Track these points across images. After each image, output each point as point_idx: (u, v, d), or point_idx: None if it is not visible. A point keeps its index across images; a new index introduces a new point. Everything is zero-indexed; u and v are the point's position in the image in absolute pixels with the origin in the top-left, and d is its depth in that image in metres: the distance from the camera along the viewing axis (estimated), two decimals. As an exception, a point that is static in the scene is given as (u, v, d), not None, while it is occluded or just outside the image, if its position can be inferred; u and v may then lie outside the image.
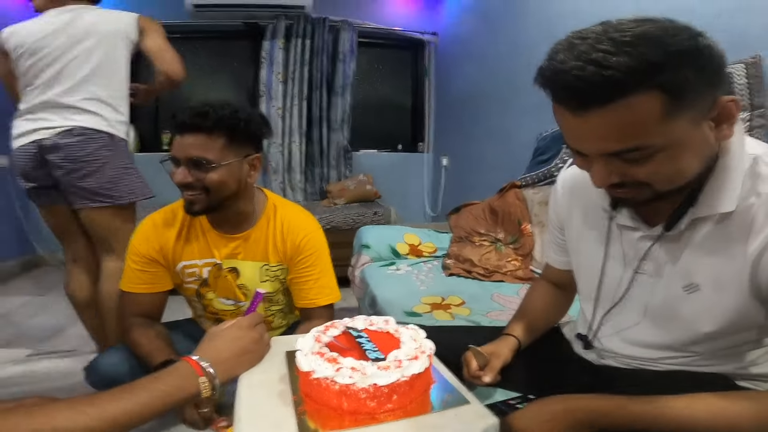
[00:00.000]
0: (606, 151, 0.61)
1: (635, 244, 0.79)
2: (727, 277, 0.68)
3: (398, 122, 4.39)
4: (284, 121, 3.75)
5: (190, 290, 1.29)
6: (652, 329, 0.80)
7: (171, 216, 1.25)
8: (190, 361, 0.76)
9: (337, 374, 0.63)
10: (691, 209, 0.69)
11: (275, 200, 1.29)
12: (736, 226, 0.66)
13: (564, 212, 0.95)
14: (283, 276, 1.28)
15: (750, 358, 0.76)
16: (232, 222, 1.22)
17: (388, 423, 0.63)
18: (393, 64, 4.33)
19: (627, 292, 0.83)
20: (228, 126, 1.09)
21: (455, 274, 1.96)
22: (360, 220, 3.16)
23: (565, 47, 0.59)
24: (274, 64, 3.69)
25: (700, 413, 0.64)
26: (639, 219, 0.78)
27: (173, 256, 1.23)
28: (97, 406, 0.65)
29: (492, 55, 3.15)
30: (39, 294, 2.93)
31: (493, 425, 0.64)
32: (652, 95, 0.55)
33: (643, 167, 0.61)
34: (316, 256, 1.26)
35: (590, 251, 0.88)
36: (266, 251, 1.24)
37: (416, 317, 1.52)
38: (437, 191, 4.15)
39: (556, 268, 1.06)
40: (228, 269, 1.25)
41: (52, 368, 1.93)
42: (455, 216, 2.44)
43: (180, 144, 1.08)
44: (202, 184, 1.10)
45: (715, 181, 0.67)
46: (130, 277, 1.24)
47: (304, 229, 1.25)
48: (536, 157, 2.40)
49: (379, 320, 0.83)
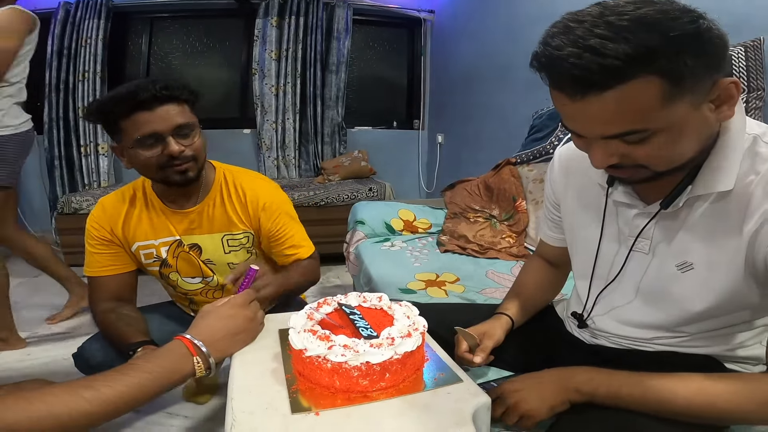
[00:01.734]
0: (605, 134, 0.60)
1: (631, 221, 0.79)
2: (722, 255, 0.68)
3: (394, 100, 4.37)
4: (278, 98, 3.71)
5: (153, 272, 1.29)
6: (644, 308, 0.80)
7: (120, 197, 1.24)
8: (183, 340, 0.75)
9: (330, 352, 0.63)
10: (690, 187, 0.69)
11: (225, 169, 1.28)
12: (734, 205, 0.66)
13: (560, 188, 0.94)
14: (250, 243, 1.28)
15: (739, 340, 0.77)
16: (186, 195, 1.21)
17: (381, 401, 0.63)
18: (389, 42, 4.28)
19: (611, 270, 0.83)
20: (189, 91, 1.10)
21: (450, 250, 1.96)
22: (355, 197, 3.15)
23: (560, 30, 0.57)
24: (267, 42, 3.64)
25: (686, 391, 0.65)
26: (635, 196, 0.78)
27: (124, 237, 1.22)
28: (94, 390, 0.65)
29: (489, 33, 3.11)
30: (34, 275, 2.91)
31: (486, 404, 0.64)
32: (651, 81, 0.54)
33: (642, 149, 0.61)
34: (284, 214, 1.27)
35: (586, 228, 0.88)
36: (226, 220, 1.24)
37: (411, 294, 1.52)
38: (432, 168, 4.14)
39: (550, 245, 1.06)
40: (189, 246, 1.24)
41: (49, 352, 1.93)
42: (450, 192, 2.43)
43: (156, 117, 1.05)
44: (192, 151, 1.10)
45: (714, 159, 0.66)
46: (90, 262, 1.23)
47: (264, 191, 1.26)
48: (532, 135, 2.39)
49: (372, 297, 0.83)
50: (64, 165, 3.37)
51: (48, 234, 3.48)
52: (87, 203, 2.72)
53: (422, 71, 4.26)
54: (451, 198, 2.37)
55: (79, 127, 3.35)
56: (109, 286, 1.23)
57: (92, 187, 3.38)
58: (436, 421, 0.60)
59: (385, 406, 0.63)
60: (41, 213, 3.53)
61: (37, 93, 3.37)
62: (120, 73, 3.59)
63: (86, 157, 3.38)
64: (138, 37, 3.66)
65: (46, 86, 3.25)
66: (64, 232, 2.74)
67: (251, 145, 3.87)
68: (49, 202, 3.45)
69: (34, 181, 3.50)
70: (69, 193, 3.25)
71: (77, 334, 2.09)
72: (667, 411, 0.66)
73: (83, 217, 2.55)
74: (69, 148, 3.37)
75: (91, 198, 2.75)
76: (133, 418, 1.43)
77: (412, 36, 4.26)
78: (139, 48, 3.67)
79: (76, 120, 3.34)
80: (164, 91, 1.04)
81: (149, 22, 3.64)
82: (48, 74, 3.23)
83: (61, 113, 3.30)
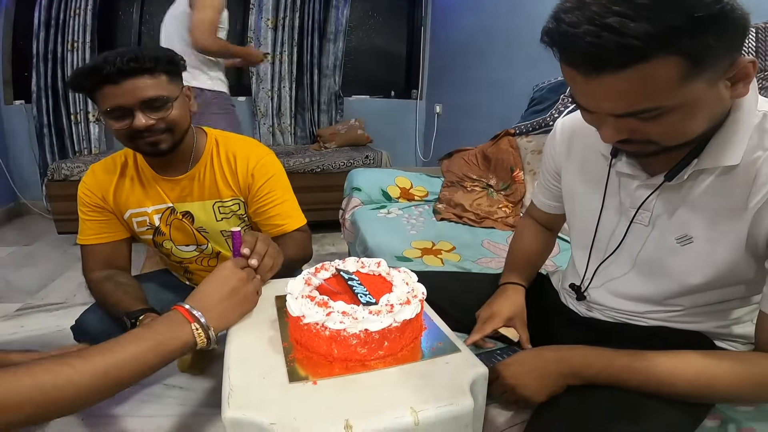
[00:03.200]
0: (618, 111, 0.59)
1: (633, 192, 0.77)
2: (723, 229, 0.67)
3: (392, 70, 4.31)
4: (273, 66, 3.65)
5: (147, 241, 1.27)
6: (639, 280, 0.80)
7: (111, 164, 1.21)
8: (180, 309, 0.72)
9: (328, 319, 0.62)
10: (696, 160, 0.67)
11: (216, 135, 1.25)
12: (739, 180, 0.65)
13: (562, 158, 0.93)
14: (241, 211, 1.26)
15: (735, 316, 0.76)
16: (176, 163, 1.18)
17: (379, 370, 0.62)
18: (389, 12, 4.21)
19: (610, 242, 0.82)
20: (166, 61, 1.05)
21: (446, 218, 1.95)
22: (351, 164, 3.11)
23: (574, 6, 0.53)
24: (263, 10, 3.55)
25: (687, 375, 0.66)
26: (639, 167, 0.76)
27: (116, 204, 1.20)
28: (84, 359, 0.61)
29: (490, 5, 3.06)
30: (25, 243, 2.89)
31: (483, 374, 0.63)
32: (670, 60, 0.51)
33: (654, 125, 0.59)
34: (274, 180, 1.23)
35: (587, 199, 0.87)
36: (216, 187, 1.21)
37: (406, 262, 1.51)
38: (429, 138, 4.11)
39: (542, 211, 1.06)
40: (181, 213, 1.22)
41: (43, 322, 1.92)
42: (447, 161, 2.41)
43: (122, 91, 1.00)
44: (164, 123, 1.06)
45: (723, 134, 0.65)
46: (83, 230, 1.21)
47: (255, 155, 1.22)
48: (531, 107, 2.37)
49: (370, 262, 0.81)
50: (53, 133, 3.31)
51: (39, 201, 3.45)
52: (78, 170, 2.67)
53: (422, 42, 4.19)
54: (449, 167, 2.35)
55: (69, 96, 3.28)
56: (103, 253, 1.21)
57: (83, 154, 3.33)
58: (433, 390, 0.59)
59: (383, 375, 0.62)
60: (31, 181, 3.49)
61: (24, 63, 3.31)
62: (111, 42, 3.50)
63: (77, 124, 3.32)
64: (128, 6, 3.55)
65: (34, 56, 3.16)
66: (55, 198, 2.70)
67: (246, 113, 3.80)
68: (39, 169, 3.40)
69: (24, 149, 3.45)
70: (59, 160, 3.20)
71: (70, 304, 2.08)
72: (667, 393, 0.67)
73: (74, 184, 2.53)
74: (58, 116, 3.31)
75: (82, 165, 2.70)
76: (130, 390, 1.43)
77: (413, 6, 4.19)
78: (130, 17, 3.56)
79: (65, 89, 3.27)
80: (132, 63, 0.98)
81: (140, -9, 3.53)
82: (35, 44, 3.14)
83: (50, 82, 3.22)
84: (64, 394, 0.59)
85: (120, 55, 0.98)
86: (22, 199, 3.50)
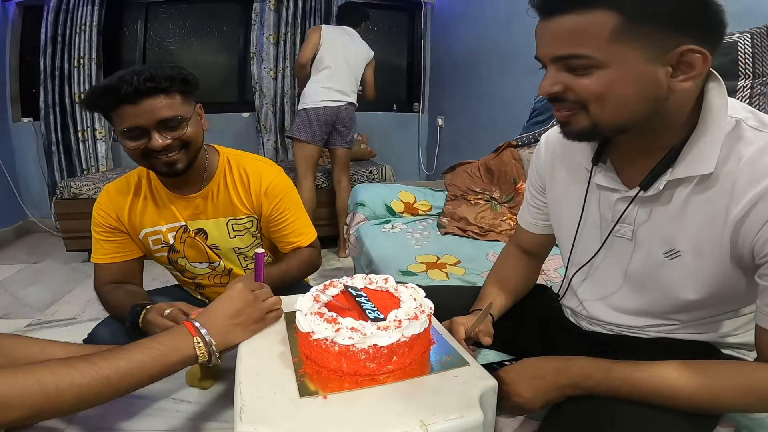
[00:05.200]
0: (554, 54, 0.64)
1: (613, 206, 0.78)
2: (708, 242, 0.67)
3: (393, 83, 4.32)
4: (276, 82, 3.68)
5: (161, 258, 1.29)
6: (633, 295, 0.80)
7: (125, 184, 1.23)
8: (185, 323, 0.75)
9: (337, 335, 0.63)
10: (670, 170, 0.68)
11: (228, 153, 1.27)
12: (717, 190, 0.64)
13: (546, 172, 0.93)
14: (254, 228, 1.28)
15: (729, 328, 0.76)
16: (189, 181, 1.20)
17: (388, 384, 0.63)
18: (389, 26, 4.23)
19: (596, 255, 0.82)
20: (181, 81, 1.07)
21: (450, 232, 1.96)
22: (355, 179, 3.14)
23: None
24: (265, 27, 3.60)
25: (689, 388, 0.65)
26: (618, 180, 0.76)
27: (131, 224, 1.22)
28: (88, 362, 0.64)
29: (489, 17, 3.08)
30: (35, 261, 2.92)
31: (492, 387, 0.64)
32: (608, 14, 0.58)
33: (584, 81, 0.63)
34: (286, 199, 1.26)
35: (569, 212, 0.87)
36: (230, 205, 1.23)
37: (411, 276, 1.52)
38: (432, 151, 4.12)
39: (528, 232, 1.03)
40: (195, 231, 1.24)
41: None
42: (450, 174, 2.42)
43: (139, 111, 1.02)
44: (180, 143, 1.08)
45: (694, 142, 0.65)
46: (97, 249, 1.24)
47: (267, 175, 1.25)
48: (533, 118, 2.37)
49: (378, 279, 0.82)
50: (61, 150, 3.35)
51: (47, 219, 3.48)
52: (86, 188, 2.70)
53: (422, 54, 4.22)
54: (452, 180, 2.36)
55: (76, 113, 3.32)
56: (116, 271, 1.24)
57: (90, 171, 3.36)
58: (443, 403, 0.60)
59: (393, 389, 0.63)
60: (39, 198, 3.53)
61: (32, 79, 3.36)
62: (116, 58, 3.55)
63: (84, 142, 3.36)
64: (133, 23, 3.60)
65: (41, 73, 3.21)
66: (64, 216, 2.73)
67: (250, 129, 3.84)
68: (47, 187, 3.44)
69: (32, 166, 3.50)
70: (67, 178, 3.23)
71: (79, 320, 2.10)
72: (668, 406, 0.66)
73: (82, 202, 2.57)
74: (66, 134, 3.35)
75: (90, 183, 2.73)
76: (139, 405, 1.44)
77: (413, 19, 4.21)
78: (135, 33, 3.61)
79: (72, 106, 3.32)
80: (148, 83, 1.00)
81: (144, 7, 3.59)
82: (42, 61, 3.20)
83: (57, 99, 3.27)
84: (66, 396, 0.61)
85: (136, 74, 0.99)
86: (31, 217, 3.53)
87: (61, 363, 0.63)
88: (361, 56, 2.91)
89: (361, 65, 2.91)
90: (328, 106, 2.76)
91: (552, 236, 1.00)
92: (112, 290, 1.20)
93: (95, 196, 2.65)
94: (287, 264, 1.27)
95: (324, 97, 2.76)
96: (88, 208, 1.29)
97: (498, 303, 0.98)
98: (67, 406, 0.62)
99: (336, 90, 2.78)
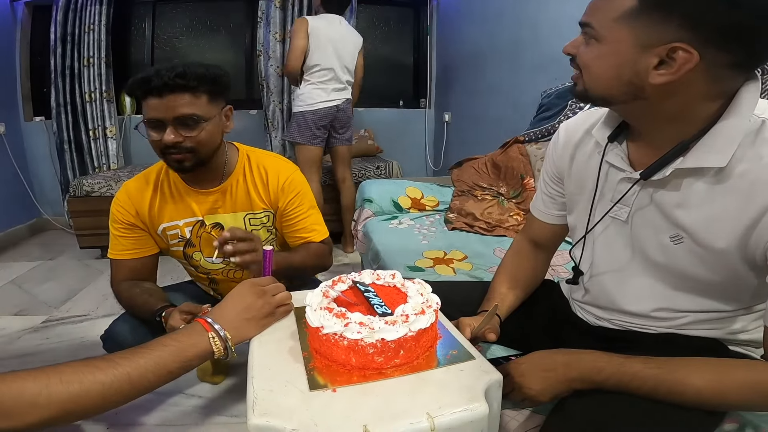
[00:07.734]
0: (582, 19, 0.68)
1: (616, 186, 0.79)
2: (716, 236, 0.67)
3: (400, 79, 4.31)
4: (283, 79, 3.67)
5: (177, 253, 1.32)
6: (641, 278, 0.80)
7: (144, 181, 1.27)
8: (200, 320, 0.78)
9: (346, 329, 0.65)
10: (680, 159, 0.68)
11: (247, 150, 1.31)
12: (730, 186, 0.65)
13: (564, 163, 0.92)
14: (270, 223, 1.32)
15: (741, 324, 0.76)
16: (208, 177, 1.24)
17: (396, 378, 0.65)
18: (394, 22, 4.22)
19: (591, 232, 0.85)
20: (210, 81, 1.10)
21: (457, 228, 1.97)
22: (362, 175, 3.15)
23: None
24: (271, 24, 3.59)
25: (697, 385, 0.65)
26: (627, 161, 0.77)
27: (151, 219, 1.26)
28: (110, 361, 0.66)
29: (495, 13, 3.07)
30: (49, 258, 2.96)
31: (498, 381, 0.66)
32: None
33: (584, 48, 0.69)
34: (301, 195, 1.31)
35: (585, 202, 0.87)
36: (248, 199, 1.27)
37: (419, 272, 1.53)
38: (439, 147, 4.11)
39: (539, 221, 1.03)
40: (212, 225, 1.27)
41: (67, 334, 1.98)
42: (457, 170, 2.43)
43: (162, 105, 1.06)
44: (191, 143, 1.11)
45: (712, 136, 0.65)
46: (114, 245, 1.27)
47: (284, 171, 1.29)
48: (540, 114, 2.37)
49: (385, 274, 0.84)
50: (73, 149, 3.39)
51: (60, 217, 3.53)
52: (98, 186, 2.74)
53: (428, 50, 4.20)
54: (459, 176, 2.37)
55: (87, 112, 3.35)
56: (132, 267, 1.28)
57: (102, 169, 3.40)
58: (449, 397, 0.61)
59: (400, 382, 0.64)
60: (52, 196, 3.58)
61: (42, 79, 3.40)
62: (125, 57, 3.58)
63: (95, 140, 3.40)
64: (141, 22, 3.63)
65: (52, 72, 3.25)
66: (77, 214, 2.77)
67: (258, 126, 3.85)
68: (60, 185, 3.49)
69: (45, 165, 3.55)
70: (80, 176, 3.28)
71: (94, 316, 2.13)
72: (676, 401, 0.66)
73: (95, 200, 2.60)
74: (78, 132, 3.39)
75: (102, 180, 2.77)
76: (151, 400, 1.47)
77: (418, 15, 4.20)
78: (143, 32, 3.64)
79: (83, 104, 3.35)
80: (178, 78, 1.04)
81: (152, 6, 3.61)
82: (53, 60, 3.23)
83: (68, 98, 3.31)
84: (91, 393, 0.63)
85: (170, 69, 1.04)
86: (45, 214, 3.58)
87: (82, 363, 0.65)
88: (353, 43, 2.81)
89: (354, 54, 2.82)
90: (324, 107, 2.71)
91: (562, 227, 1.00)
92: (129, 288, 1.24)
93: (107, 194, 2.70)
94: (292, 252, 1.31)
95: (320, 99, 2.70)
96: (100, 206, 1.32)
97: (507, 301, 0.99)
98: (93, 406, 0.64)
99: (332, 89, 2.73)
